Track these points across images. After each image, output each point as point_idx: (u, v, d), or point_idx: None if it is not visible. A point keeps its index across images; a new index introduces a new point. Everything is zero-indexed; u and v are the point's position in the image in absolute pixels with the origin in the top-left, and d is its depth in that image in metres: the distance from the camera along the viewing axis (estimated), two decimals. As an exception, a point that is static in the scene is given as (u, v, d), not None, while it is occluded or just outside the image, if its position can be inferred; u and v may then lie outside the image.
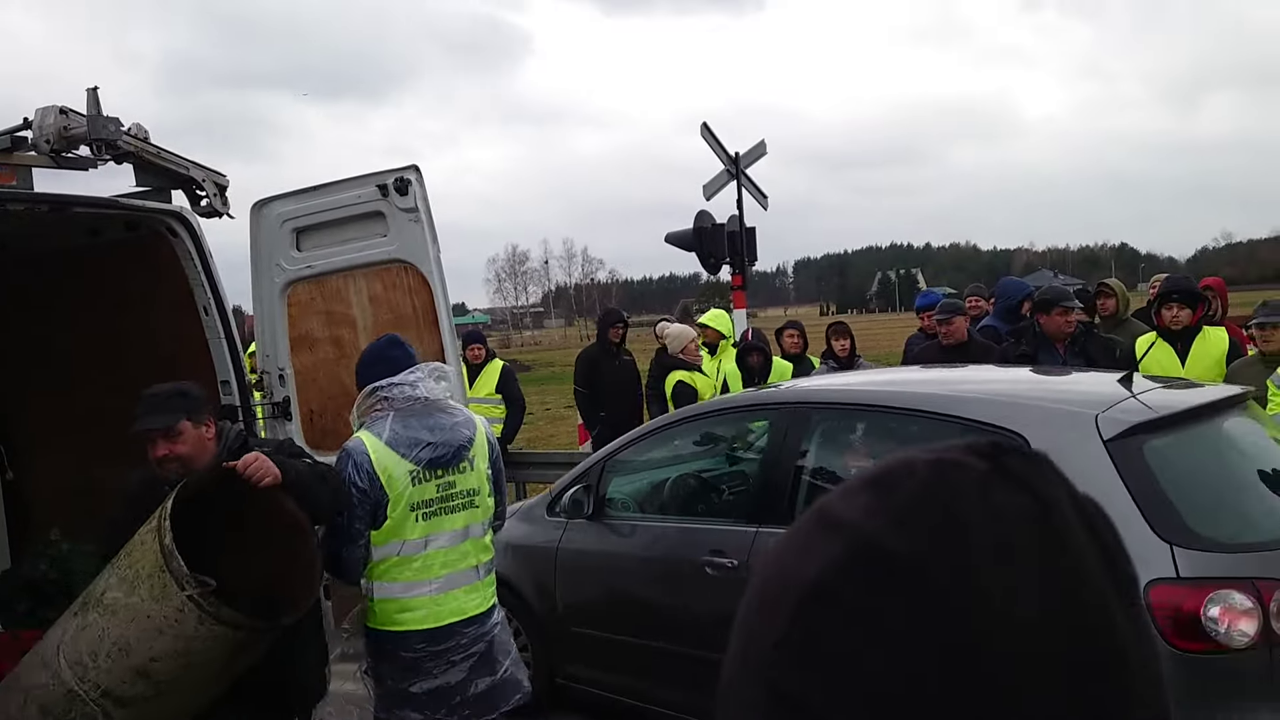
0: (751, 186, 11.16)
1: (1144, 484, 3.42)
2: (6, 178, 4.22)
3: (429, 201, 4.64)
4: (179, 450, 3.28)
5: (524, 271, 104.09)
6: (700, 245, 10.52)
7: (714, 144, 10.86)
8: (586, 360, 9.35)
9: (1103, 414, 3.60)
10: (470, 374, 9.13)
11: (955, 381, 4.71)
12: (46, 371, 5.95)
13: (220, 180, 4.89)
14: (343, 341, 4.83)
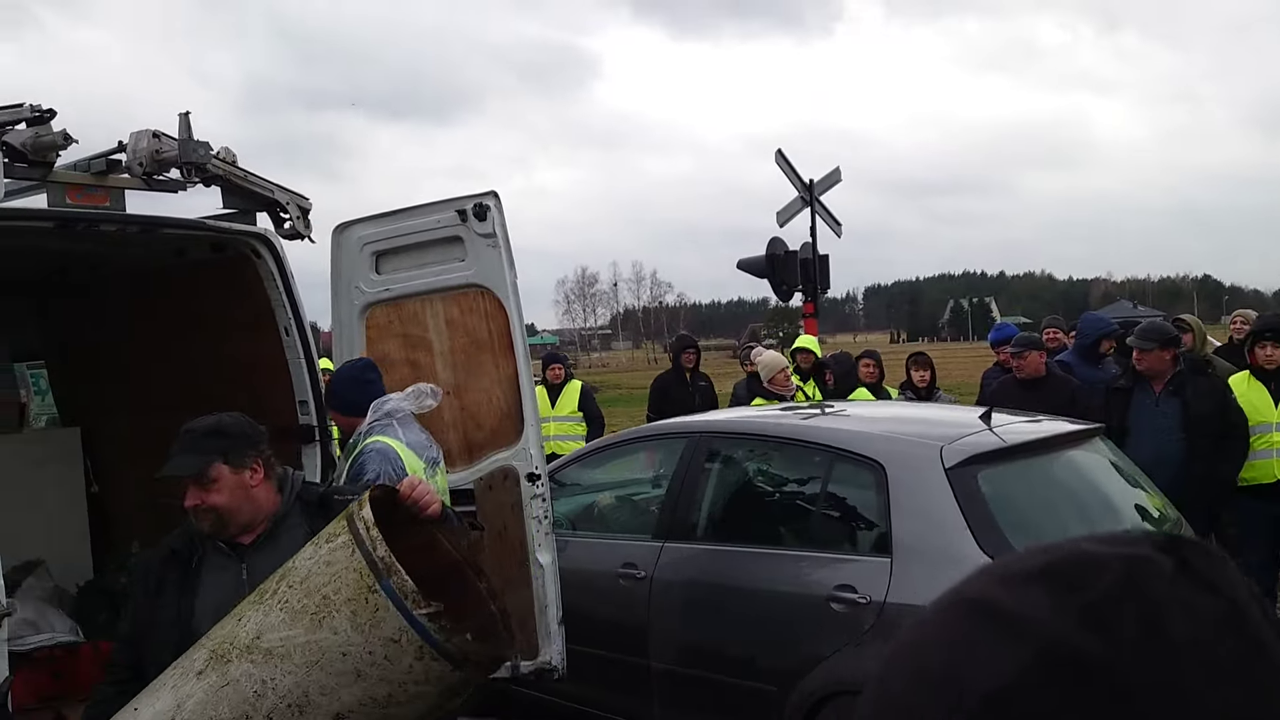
0: (825, 214, 11.07)
1: (974, 505, 4.00)
2: (100, 199, 4.34)
3: (507, 227, 4.66)
4: (213, 501, 2.68)
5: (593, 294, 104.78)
6: (773, 272, 10.46)
7: (788, 171, 10.81)
8: (661, 387, 9.35)
9: (946, 446, 4.19)
10: (551, 393, 9.25)
11: (831, 417, 5.22)
12: (131, 388, 6.09)
13: (303, 203, 4.98)
14: (419, 364, 4.86)
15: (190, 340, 5.59)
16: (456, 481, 4.74)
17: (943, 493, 4.03)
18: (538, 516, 4.60)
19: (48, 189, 4.16)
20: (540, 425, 4.76)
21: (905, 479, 4.18)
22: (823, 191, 11.07)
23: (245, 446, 2.74)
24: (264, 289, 4.91)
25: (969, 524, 3.92)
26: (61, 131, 4.02)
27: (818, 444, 4.66)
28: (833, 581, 4.15)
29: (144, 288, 5.70)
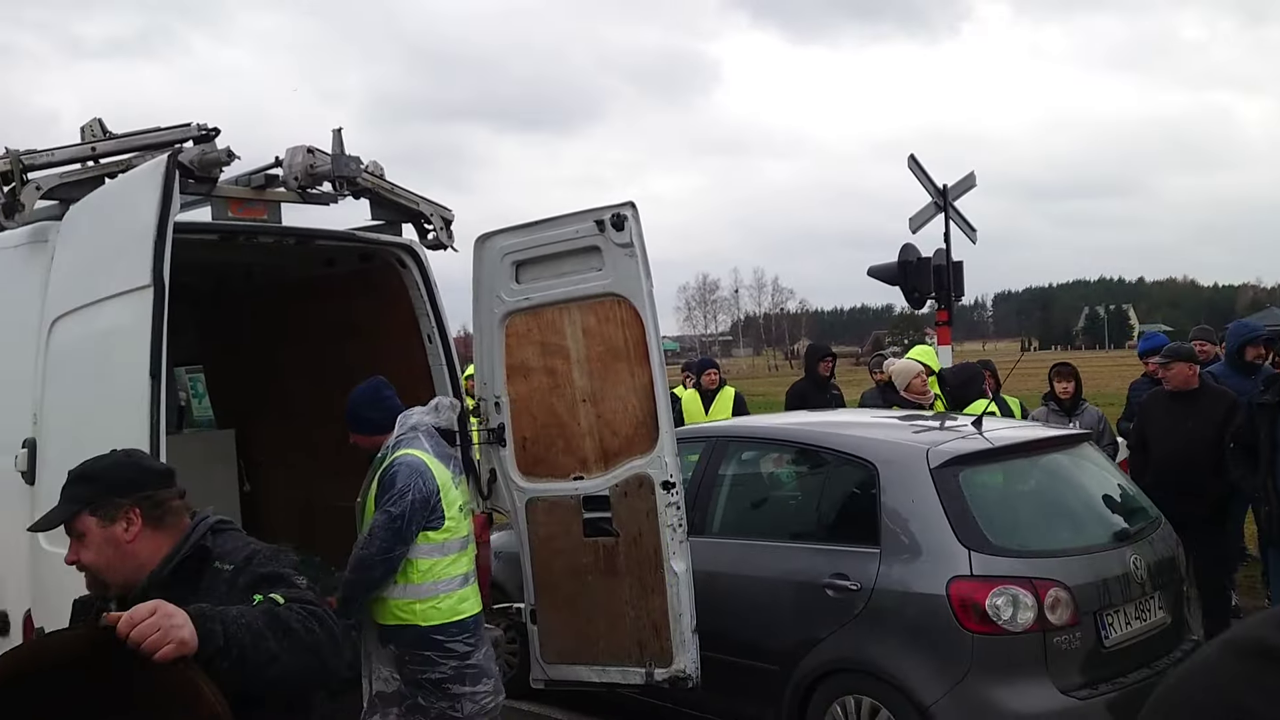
0: (959, 219, 10.80)
1: (955, 502, 4.41)
2: (259, 212, 4.54)
3: (643, 237, 4.69)
4: (84, 558, 2.27)
5: (714, 300, 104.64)
6: (905, 279, 10.25)
7: (921, 176, 10.58)
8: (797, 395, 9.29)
9: (932, 449, 4.63)
10: (705, 399, 9.33)
11: (833, 423, 5.86)
12: (282, 392, 6.36)
13: (446, 214, 5.11)
14: (556, 372, 4.93)
15: (338, 347, 5.80)
16: (592, 488, 4.80)
17: (927, 490, 4.46)
18: (672, 524, 4.60)
19: (211, 203, 4.37)
20: (675, 434, 4.76)
21: (894, 478, 4.61)
22: (957, 196, 10.80)
23: (114, 494, 2.26)
24: (409, 297, 5.06)
25: (949, 519, 4.36)
26: (225, 149, 4.22)
27: (820, 446, 5.15)
28: (829, 570, 4.57)
29: (295, 296, 5.95)
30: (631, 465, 4.73)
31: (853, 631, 4.44)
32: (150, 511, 2.27)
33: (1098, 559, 4.52)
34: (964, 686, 4.15)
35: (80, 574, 2.29)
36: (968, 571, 4.22)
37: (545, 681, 4.97)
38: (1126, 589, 4.47)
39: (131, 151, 4.24)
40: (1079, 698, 4.19)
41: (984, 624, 4.15)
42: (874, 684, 4.43)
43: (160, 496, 2.31)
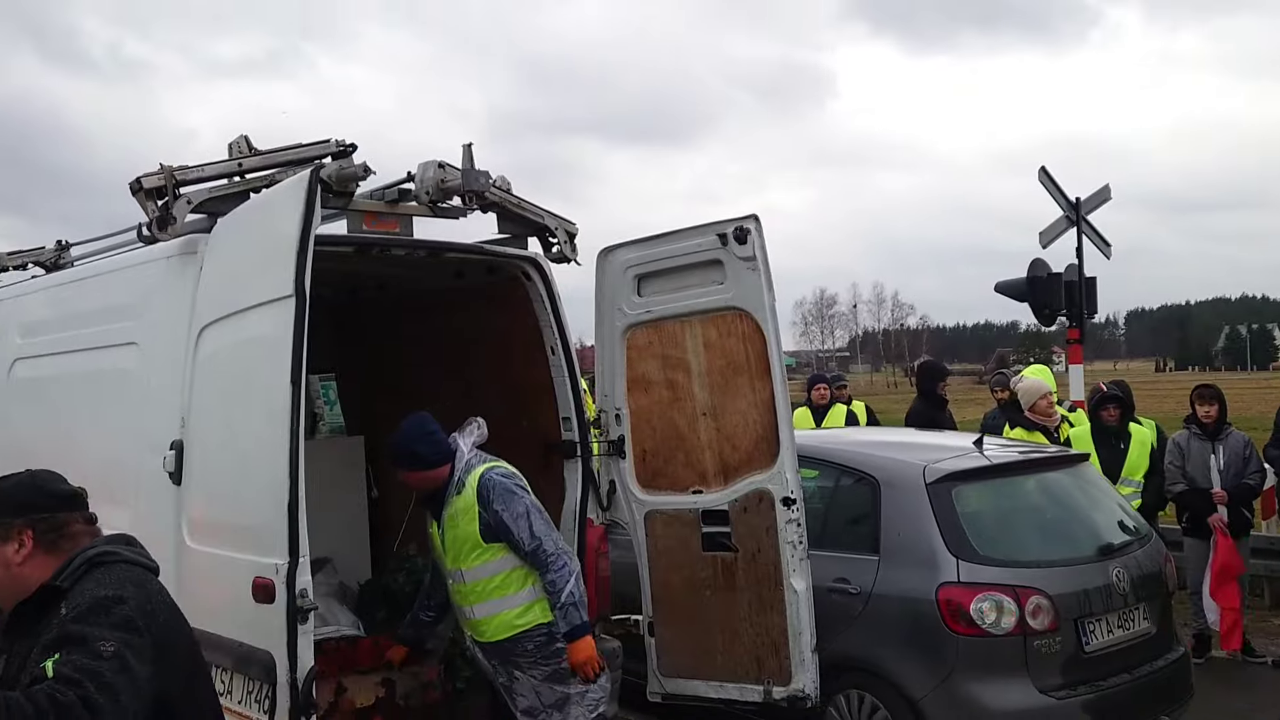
0: (1093, 233, 10.42)
1: (947, 515, 4.82)
2: (391, 225, 4.67)
3: (766, 250, 4.66)
4: None
5: (831, 315, 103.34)
6: (1034, 296, 9.94)
7: (1053, 189, 10.26)
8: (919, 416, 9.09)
9: (928, 466, 5.03)
10: (816, 416, 9.18)
11: (840, 439, 6.43)
12: (409, 399, 6.53)
13: (570, 228, 5.17)
14: (677, 385, 4.93)
15: (464, 357, 5.93)
16: (712, 503, 4.78)
17: (921, 504, 4.85)
18: (792, 541, 4.55)
19: (347, 216, 4.52)
20: (796, 450, 4.71)
21: (892, 491, 5.00)
22: (1090, 210, 10.42)
23: (8, 514, 2.25)
24: (533, 310, 5.13)
25: (940, 530, 4.77)
26: (362, 164, 4.36)
27: (827, 460, 5.44)
28: (832, 575, 4.87)
29: (423, 307, 6.10)
30: (751, 480, 4.70)
31: (853, 632, 4.83)
32: (45, 535, 2.23)
33: (1081, 570, 4.89)
34: (950, 683, 4.57)
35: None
36: (955, 579, 4.65)
37: (662, 695, 4.97)
38: (1108, 599, 4.84)
39: (275, 167, 4.41)
40: (1057, 697, 4.59)
41: (969, 627, 4.58)
42: (871, 680, 4.80)
43: (59, 520, 2.26)
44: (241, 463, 3.55)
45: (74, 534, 2.27)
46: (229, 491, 3.62)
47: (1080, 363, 10.15)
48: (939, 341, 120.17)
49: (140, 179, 4.06)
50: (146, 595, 2.19)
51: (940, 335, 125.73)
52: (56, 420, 4.95)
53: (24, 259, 6.24)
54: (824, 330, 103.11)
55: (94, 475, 4.52)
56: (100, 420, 4.56)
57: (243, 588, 3.39)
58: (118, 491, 4.31)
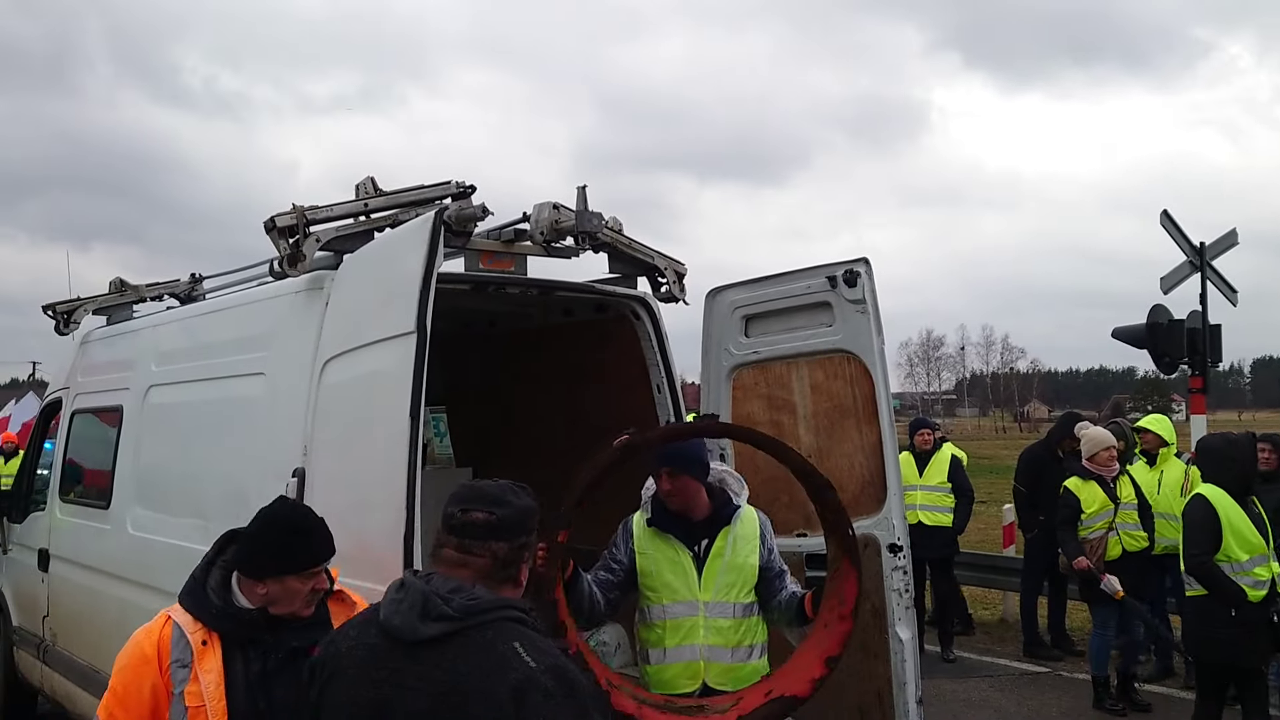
0: (1218, 279, 10.05)
1: None
2: (506, 264, 4.80)
3: (876, 294, 4.64)
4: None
5: (938, 357, 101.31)
6: (1154, 343, 9.62)
7: (1175, 234, 9.94)
8: (1030, 459, 8.88)
9: None
10: (919, 461, 9.08)
11: None
12: (516, 434, 6.66)
13: (679, 268, 5.24)
14: (782, 426, 4.92)
15: (571, 392, 6.03)
16: (816, 546, 4.73)
17: None
18: (899, 589, 4.48)
19: (464, 255, 4.66)
20: (904, 495, 4.65)
21: None
22: (1215, 255, 10.06)
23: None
24: (640, 348, 5.20)
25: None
26: (480, 205, 4.50)
27: None
28: None
29: (532, 343, 6.24)
30: (857, 525, 4.65)
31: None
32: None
33: None
34: None
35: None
36: None
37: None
38: None
39: (397, 207, 4.59)
40: None
41: None
42: None
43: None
44: (360, 491, 3.67)
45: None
46: (349, 519, 3.72)
47: (1203, 412, 9.75)
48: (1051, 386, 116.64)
49: (274, 218, 4.27)
50: None
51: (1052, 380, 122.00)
52: (187, 444, 5.20)
53: (160, 290, 6.59)
54: (930, 372, 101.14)
55: (220, 499, 4.77)
56: (227, 446, 4.76)
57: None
58: (242, 515, 4.50)
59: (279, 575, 2.76)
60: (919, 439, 9.24)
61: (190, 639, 2.75)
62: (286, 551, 2.78)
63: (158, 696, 2.72)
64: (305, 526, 2.85)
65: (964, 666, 9.11)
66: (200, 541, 4.82)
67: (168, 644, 2.75)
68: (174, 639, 2.76)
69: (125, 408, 5.87)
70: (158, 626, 2.80)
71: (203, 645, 2.75)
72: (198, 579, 2.88)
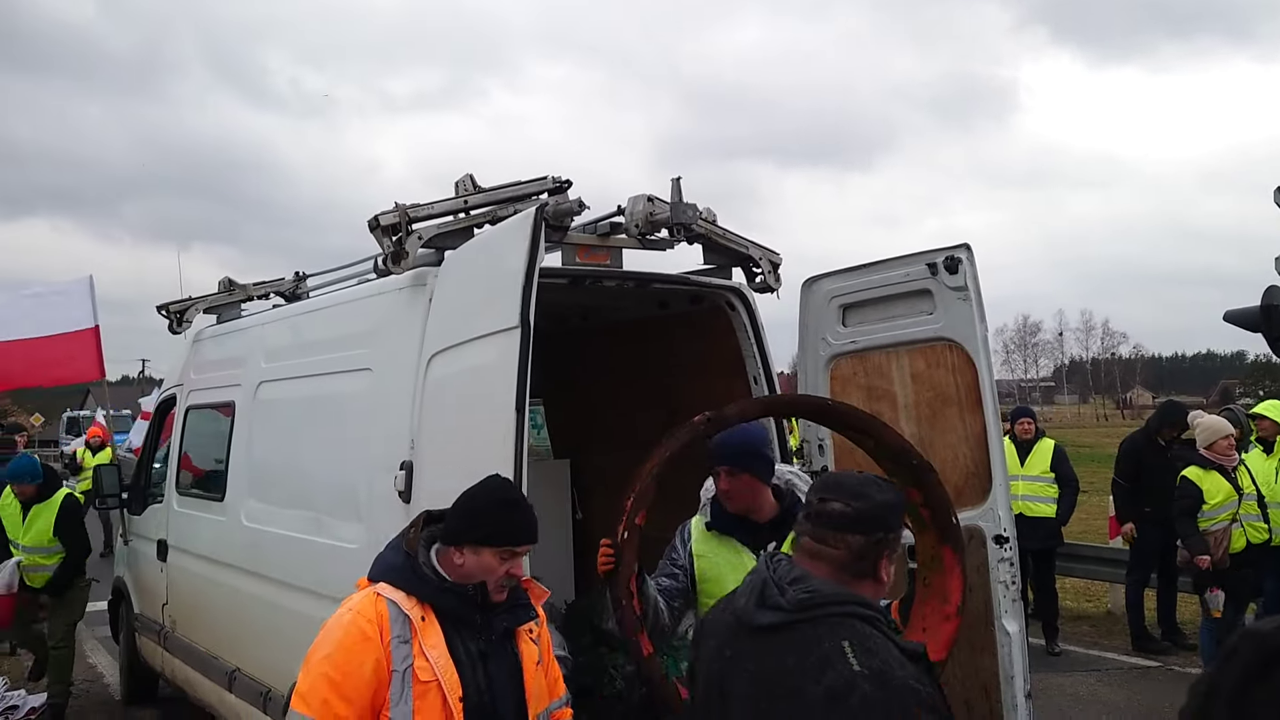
0: (1339, 258, 9.57)
1: None
2: (602, 258, 4.83)
3: (979, 280, 4.56)
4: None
5: (1035, 343, 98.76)
6: (1269, 327, 9.19)
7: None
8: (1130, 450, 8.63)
9: None
10: (1020, 450, 8.93)
11: None
12: (610, 426, 6.71)
13: (774, 258, 5.21)
14: (882, 416, 4.83)
15: (666, 384, 6.05)
16: (920, 538, 4.68)
17: None
18: (1005, 581, 4.40)
19: (561, 249, 4.71)
20: (1009, 485, 4.56)
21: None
22: (1335, 233, 9.58)
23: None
24: (736, 338, 5.20)
25: None
26: (576, 200, 4.54)
27: None
28: None
29: (627, 335, 6.27)
30: (961, 517, 4.57)
31: None
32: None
33: None
34: None
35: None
36: None
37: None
38: None
39: (495, 204, 4.66)
40: None
41: None
42: None
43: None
44: (467, 483, 3.72)
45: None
46: (455, 511, 3.81)
47: (1320, 398, 9.32)
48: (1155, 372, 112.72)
49: (378, 216, 4.37)
50: None
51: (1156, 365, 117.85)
52: (297, 439, 5.37)
53: (266, 289, 6.82)
54: (1026, 359, 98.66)
55: (330, 491, 4.92)
56: (336, 440, 4.90)
57: (467, 603, 3.55)
58: (352, 508, 4.64)
59: (477, 544, 2.68)
60: (1020, 428, 9.06)
61: (409, 614, 2.65)
62: (491, 520, 2.71)
63: (380, 675, 2.61)
64: (515, 500, 2.83)
65: (1070, 660, 8.89)
66: (311, 532, 4.99)
67: (386, 620, 2.63)
68: (391, 615, 2.64)
69: (237, 403, 6.08)
70: (369, 604, 2.67)
71: (422, 620, 2.65)
72: (402, 554, 2.77)
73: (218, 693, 6.05)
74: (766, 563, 2.24)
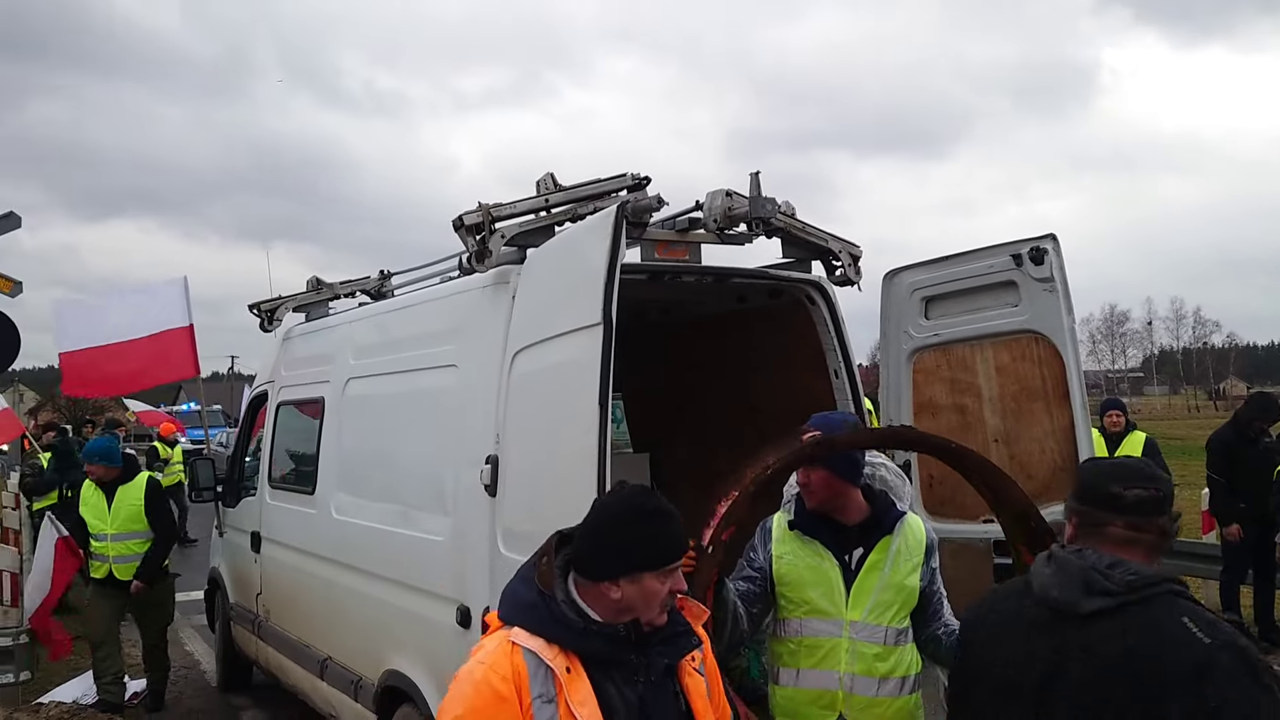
0: None
1: None
2: (681, 253, 4.85)
3: (1065, 271, 4.48)
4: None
5: (1122, 333, 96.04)
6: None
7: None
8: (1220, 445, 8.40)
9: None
10: (1110, 443, 8.77)
11: None
12: (691, 419, 6.74)
13: (854, 251, 5.17)
14: (966, 410, 4.82)
15: (746, 379, 6.06)
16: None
17: None
18: (1094, 577, 4.32)
19: (641, 245, 4.74)
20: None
21: None
22: None
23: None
24: (816, 333, 5.17)
25: None
26: (655, 196, 4.57)
27: None
28: None
29: (706, 330, 6.29)
30: (1049, 511, 4.48)
31: None
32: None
33: None
34: None
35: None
36: None
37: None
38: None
39: (576, 201, 4.71)
40: None
41: None
42: None
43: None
44: (552, 478, 3.80)
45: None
46: (540, 504, 3.88)
47: None
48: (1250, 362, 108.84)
49: (462, 216, 4.45)
50: None
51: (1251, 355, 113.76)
52: (385, 434, 5.50)
53: (353, 287, 6.98)
54: (1114, 349, 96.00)
55: (417, 485, 5.03)
56: (423, 435, 5.01)
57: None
58: (438, 501, 4.74)
59: (637, 571, 2.23)
60: (1109, 420, 8.87)
61: (552, 666, 2.21)
62: (648, 540, 2.26)
63: None
64: (664, 510, 2.31)
65: (1162, 658, 8.65)
66: (399, 525, 5.11)
67: (525, 676, 2.20)
68: (531, 669, 2.21)
69: (326, 399, 6.25)
70: (504, 656, 2.23)
71: (567, 673, 2.22)
72: (535, 590, 2.31)
73: (310, 680, 6.23)
74: (1073, 554, 2.33)
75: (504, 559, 4.07)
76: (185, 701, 8.10)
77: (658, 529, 2.27)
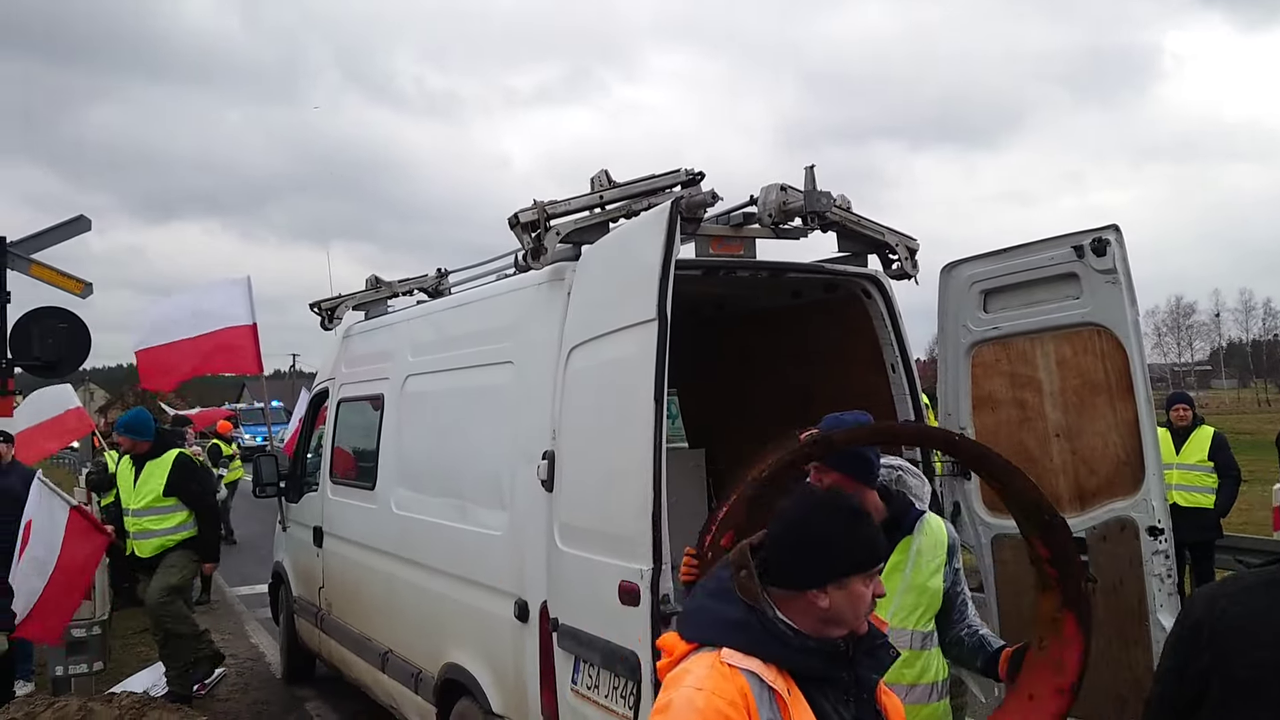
0: None
1: None
2: (736, 248, 4.84)
3: (1128, 262, 4.39)
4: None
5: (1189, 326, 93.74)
6: None
7: None
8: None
9: None
10: (1176, 438, 8.59)
11: None
12: (746, 415, 6.72)
13: (911, 244, 5.12)
14: (1026, 405, 4.75)
15: (802, 374, 6.03)
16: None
17: None
18: (1159, 574, 4.25)
19: (695, 241, 4.74)
20: (1163, 474, 4.39)
21: None
22: None
23: None
24: (872, 327, 5.14)
25: None
26: (709, 191, 4.56)
27: None
28: None
29: (761, 325, 6.27)
30: (1112, 507, 4.43)
31: None
32: None
33: None
34: None
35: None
36: None
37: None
38: None
39: (630, 198, 4.72)
40: None
41: None
42: None
43: None
44: (607, 473, 3.82)
45: None
46: (596, 499, 3.91)
47: None
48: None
49: (517, 214, 4.49)
50: None
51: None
52: (443, 429, 5.57)
53: (410, 285, 7.08)
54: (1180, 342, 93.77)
55: (475, 480, 5.09)
56: (480, 431, 5.07)
57: (609, 590, 3.63)
58: (496, 496, 4.79)
59: (845, 575, 2.10)
60: (1175, 414, 8.68)
61: (774, 687, 2.05)
62: (854, 541, 2.13)
63: None
64: (864, 510, 2.21)
65: (1230, 658, 8.48)
66: (457, 520, 5.17)
67: (752, 699, 2.03)
68: (755, 692, 2.04)
69: (385, 396, 6.34)
70: (723, 679, 2.03)
71: (789, 694, 2.07)
72: (742, 606, 2.12)
73: (371, 673, 6.34)
74: None
75: (561, 554, 4.11)
76: (251, 693, 8.28)
77: (863, 529, 2.17)
